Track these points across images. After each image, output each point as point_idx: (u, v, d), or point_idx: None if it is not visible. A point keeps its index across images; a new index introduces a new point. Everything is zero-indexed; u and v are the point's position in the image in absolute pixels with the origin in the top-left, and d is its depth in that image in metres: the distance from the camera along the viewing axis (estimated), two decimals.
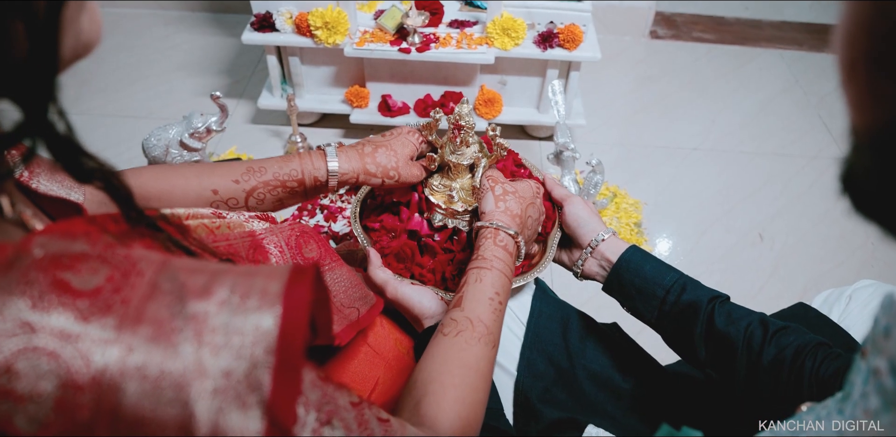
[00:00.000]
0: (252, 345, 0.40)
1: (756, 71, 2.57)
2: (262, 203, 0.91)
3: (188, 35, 2.56)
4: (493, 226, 0.90)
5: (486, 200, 0.95)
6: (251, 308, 0.41)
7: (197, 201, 0.86)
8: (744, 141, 2.23)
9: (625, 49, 2.62)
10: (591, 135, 2.18)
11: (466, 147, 1.02)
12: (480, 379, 0.77)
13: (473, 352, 0.79)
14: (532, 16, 1.81)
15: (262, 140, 2.08)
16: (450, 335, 0.80)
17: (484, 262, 0.87)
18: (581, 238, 1.08)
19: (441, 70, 1.88)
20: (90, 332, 0.38)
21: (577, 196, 1.13)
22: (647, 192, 2.00)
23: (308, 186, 0.92)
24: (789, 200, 2.03)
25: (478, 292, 0.84)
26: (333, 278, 0.86)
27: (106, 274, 0.40)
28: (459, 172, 1.04)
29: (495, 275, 0.87)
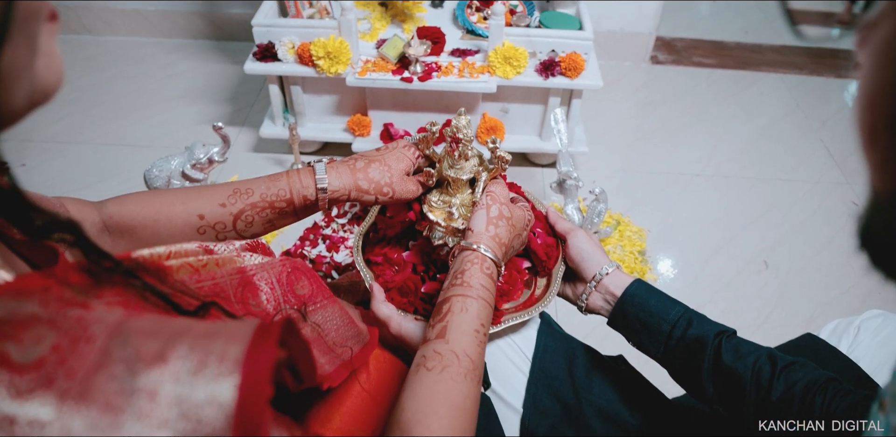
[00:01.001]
0: (208, 419, 0.38)
1: (757, 95, 2.57)
2: (250, 226, 0.88)
3: (190, 63, 2.57)
4: (481, 251, 0.87)
5: (478, 219, 0.90)
6: (208, 377, 0.39)
7: (184, 228, 0.84)
8: (746, 166, 2.22)
9: (626, 74, 2.63)
10: (594, 161, 2.18)
11: (465, 161, 0.97)
12: (468, 420, 0.74)
13: (460, 390, 0.75)
14: (533, 44, 1.81)
15: (263, 169, 2.08)
16: (434, 371, 0.75)
17: (470, 290, 0.83)
18: (585, 272, 1.07)
19: (443, 98, 1.88)
20: (27, 412, 0.35)
21: (581, 229, 1.12)
22: (651, 219, 1.99)
23: (298, 206, 0.89)
24: (793, 226, 2.02)
25: (463, 324, 0.80)
26: (325, 317, 0.83)
27: (52, 342, 0.37)
28: (459, 187, 1.00)
29: (481, 305, 0.83)
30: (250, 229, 0.88)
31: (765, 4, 3.19)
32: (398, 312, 1.00)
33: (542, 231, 1.15)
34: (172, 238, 0.81)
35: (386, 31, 1.95)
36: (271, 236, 1.86)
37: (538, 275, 1.13)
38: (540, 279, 1.14)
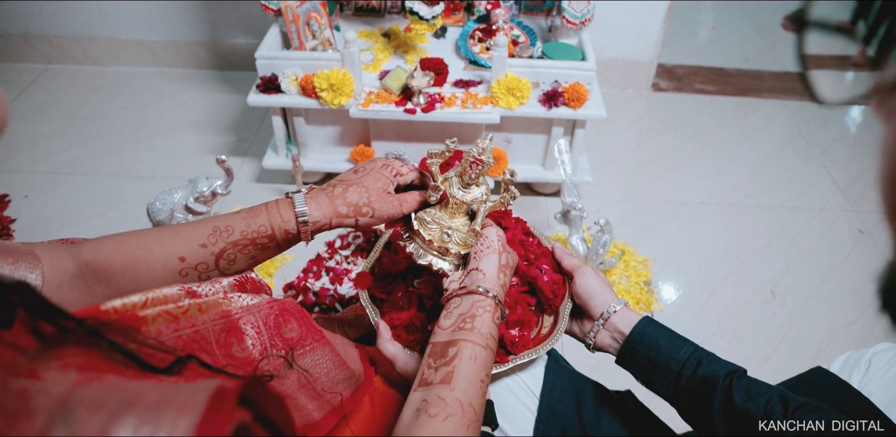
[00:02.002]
0: None
1: (759, 122, 2.58)
2: (233, 263, 0.85)
3: (193, 93, 2.58)
4: (496, 300, 0.85)
5: (490, 263, 0.89)
6: None
7: (163, 272, 0.81)
8: (750, 194, 2.22)
9: (628, 102, 2.63)
10: (597, 190, 2.17)
11: (476, 186, 0.95)
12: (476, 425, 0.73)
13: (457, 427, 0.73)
14: (536, 75, 1.82)
15: (266, 199, 2.07)
16: (437, 418, 0.73)
17: (481, 338, 0.82)
18: (592, 309, 1.06)
19: (446, 129, 1.88)
20: None
21: (587, 266, 1.11)
22: (656, 248, 1.98)
23: (280, 240, 0.86)
24: (799, 254, 2.01)
25: (471, 373, 0.78)
26: (315, 360, 0.81)
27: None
28: (458, 211, 0.96)
29: (489, 356, 0.81)
30: (234, 266, 0.86)
31: (764, 31, 3.21)
32: (405, 350, 0.99)
33: (548, 268, 1.14)
34: (153, 282, 0.79)
35: (389, 62, 1.96)
36: (274, 268, 1.85)
37: (545, 312, 1.12)
38: (547, 317, 1.13)
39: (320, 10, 1.91)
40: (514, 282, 1.14)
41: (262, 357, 0.72)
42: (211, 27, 2.58)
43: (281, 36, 1.94)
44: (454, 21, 2.13)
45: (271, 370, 0.72)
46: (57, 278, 0.71)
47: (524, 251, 1.17)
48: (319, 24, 1.91)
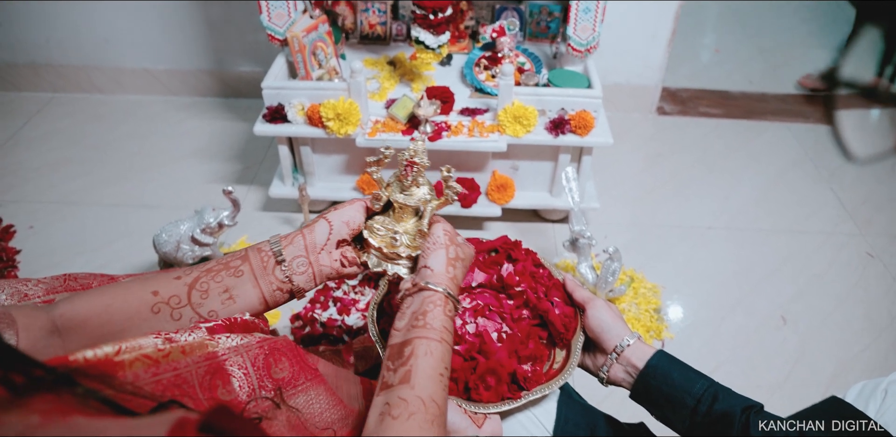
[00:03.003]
0: None
1: (765, 145, 2.57)
2: (206, 295, 0.84)
3: (199, 121, 2.59)
4: (446, 293, 0.86)
5: (438, 259, 0.89)
6: None
7: (139, 308, 0.80)
8: (758, 218, 2.21)
9: (633, 126, 2.63)
10: (605, 216, 2.16)
11: (417, 188, 0.96)
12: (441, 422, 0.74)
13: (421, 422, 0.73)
14: (543, 103, 1.82)
15: (273, 228, 2.07)
16: (400, 419, 0.73)
17: (433, 332, 0.82)
18: (605, 343, 1.05)
19: (453, 157, 1.88)
20: None
21: (599, 299, 1.10)
22: (665, 274, 1.97)
23: (253, 264, 0.87)
24: (809, 279, 1.99)
25: (428, 368, 0.78)
26: (308, 400, 0.80)
27: None
28: (405, 214, 0.98)
29: (445, 349, 0.81)
30: (207, 302, 0.84)
31: (767, 53, 3.22)
32: None
33: (559, 301, 1.13)
34: (128, 321, 0.79)
35: (395, 90, 1.96)
36: None
37: (556, 346, 1.11)
38: (559, 351, 1.11)
39: (326, 40, 1.92)
40: (525, 315, 1.13)
41: (249, 399, 0.71)
42: (216, 55, 2.59)
43: (287, 65, 1.95)
44: (459, 48, 2.14)
45: (259, 411, 0.71)
46: (32, 336, 0.70)
47: (535, 284, 1.16)
48: (325, 53, 1.92)
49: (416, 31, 1.79)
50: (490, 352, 1.04)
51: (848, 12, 3.67)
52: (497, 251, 1.21)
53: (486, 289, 1.18)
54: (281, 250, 0.88)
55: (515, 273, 1.16)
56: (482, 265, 1.19)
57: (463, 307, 1.15)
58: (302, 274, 0.89)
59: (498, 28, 1.96)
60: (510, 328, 1.10)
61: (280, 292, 0.89)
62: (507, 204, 1.95)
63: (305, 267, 0.89)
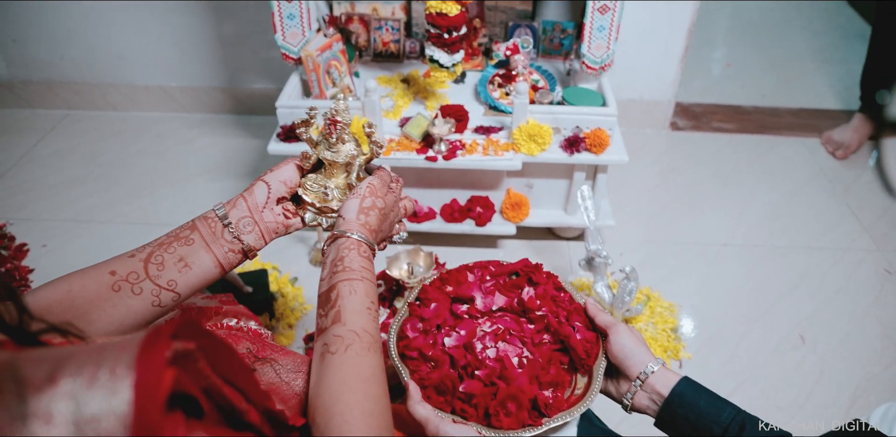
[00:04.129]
0: (108, 430, 0.38)
1: (779, 160, 2.56)
2: (163, 268, 0.88)
3: (212, 138, 2.59)
4: (356, 237, 0.92)
5: (350, 207, 0.95)
6: (101, 389, 0.38)
7: (99, 289, 0.84)
8: (774, 234, 2.19)
9: (647, 142, 2.62)
10: (619, 233, 2.15)
11: (342, 144, 1.02)
12: (380, 387, 0.78)
13: (367, 363, 0.79)
14: (557, 121, 1.81)
15: (286, 247, 2.07)
16: (338, 353, 0.79)
17: (353, 273, 0.88)
18: (629, 370, 1.04)
19: (467, 175, 1.88)
20: None
21: (622, 324, 1.09)
22: (681, 293, 1.95)
23: (203, 232, 0.93)
24: (827, 296, 1.97)
25: (356, 304, 0.84)
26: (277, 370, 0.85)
27: None
28: (335, 170, 1.03)
29: (367, 285, 0.88)
30: (164, 273, 0.89)
31: (779, 68, 3.21)
32: (436, 412, 0.97)
33: (581, 326, 1.12)
34: (90, 304, 0.82)
35: (409, 108, 1.96)
36: (294, 319, 1.83)
37: (578, 372, 1.10)
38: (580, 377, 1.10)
39: (340, 58, 1.92)
40: (546, 340, 1.12)
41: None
42: (229, 72, 2.60)
43: (301, 84, 1.95)
44: (472, 66, 2.14)
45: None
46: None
47: (556, 308, 1.15)
48: (339, 71, 1.92)
49: (430, 49, 1.79)
50: (511, 378, 1.03)
51: (858, 25, 3.66)
52: (518, 274, 1.20)
53: (507, 313, 1.17)
54: (226, 214, 0.95)
55: (536, 297, 1.15)
56: (502, 288, 1.18)
57: (483, 331, 1.14)
58: (250, 233, 0.96)
59: (512, 46, 1.96)
60: (531, 353, 1.09)
61: (233, 254, 0.95)
62: (521, 222, 1.94)
63: (252, 226, 0.96)
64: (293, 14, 1.83)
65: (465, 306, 1.17)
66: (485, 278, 1.20)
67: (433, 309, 1.15)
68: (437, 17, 1.70)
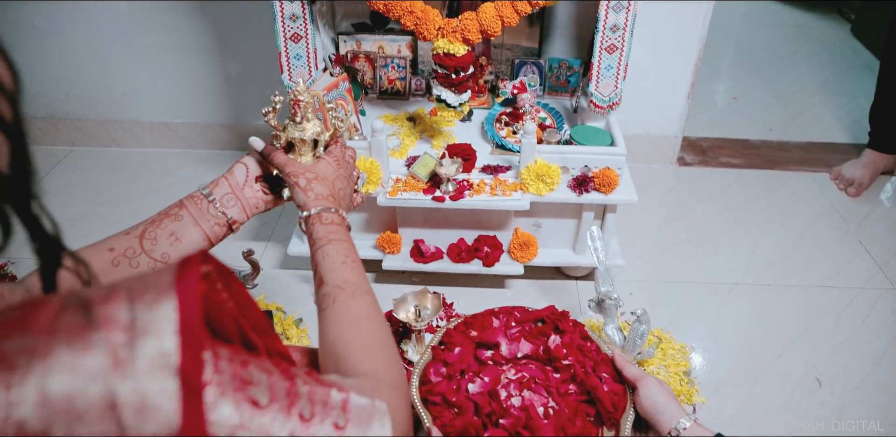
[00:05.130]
0: (159, 331, 0.45)
1: (789, 196, 2.53)
2: (156, 242, 0.99)
3: (217, 174, 2.53)
4: (312, 212, 1.00)
5: (297, 195, 1.04)
6: (149, 301, 0.46)
7: (100, 266, 0.92)
8: (786, 273, 2.15)
9: (654, 177, 2.60)
10: (628, 272, 2.12)
11: (307, 122, 1.13)
12: (376, 322, 0.85)
13: (356, 305, 0.86)
14: (566, 160, 1.79)
15: (291, 286, 2.04)
16: (328, 307, 0.85)
17: (320, 241, 0.96)
18: (659, 425, 1.01)
19: (475, 215, 1.85)
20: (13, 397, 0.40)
21: (651, 376, 1.06)
22: (693, 334, 1.91)
23: (190, 208, 1.05)
24: (843, 337, 1.93)
25: (330, 264, 0.91)
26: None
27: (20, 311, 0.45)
28: (304, 148, 1.14)
29: (336, 245, 0.95)
30: (157, 247, 0.99)
31: (785, 100, 3.20)
32: None
33: (608, 377, 1.09)
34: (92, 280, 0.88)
35: (415, 147, 1.94)
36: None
37: (604, 425, 1.07)
38: (607, 430, 1.07)
39: (346, 97, 1.91)
40: (572, 390, 1.09)
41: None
42: (234, 109, 2.60)
43: None
44: (479, 103, 2.13)
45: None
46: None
47: (582, 357, 1.12)
48: (346, 110, 1.90)
49: (437, 89, 1.78)
50: (536, 428, 1.01)
51: (864, 57, 3.66)
52: (544, 321, 1.18)
53: (532, 360, 1.14)
54: (210, 192, 1.09)
55: (563, 346, 1.13)
56: (528, 335, 1.16)
57: (508, 378, 1.12)
58: (233, 207, 1.09)
59: (518, 84, 1.95)
60: (556, 404, 1.07)
61: (218, 227, 1.07)
62: (529, 262, 1.91)
63: (234, 202, 1.09)
64: (300, 54, 1.82)
65: (490, 351, 1.15)
66: (510, 324, 1.18)
67: (457, 354, 1.13)
68: (444, 58, 1.69)
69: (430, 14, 1.66)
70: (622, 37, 1.75)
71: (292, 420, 0.52)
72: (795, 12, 4.33)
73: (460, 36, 1.67)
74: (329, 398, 0.58)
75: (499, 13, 1.65)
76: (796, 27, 4.10)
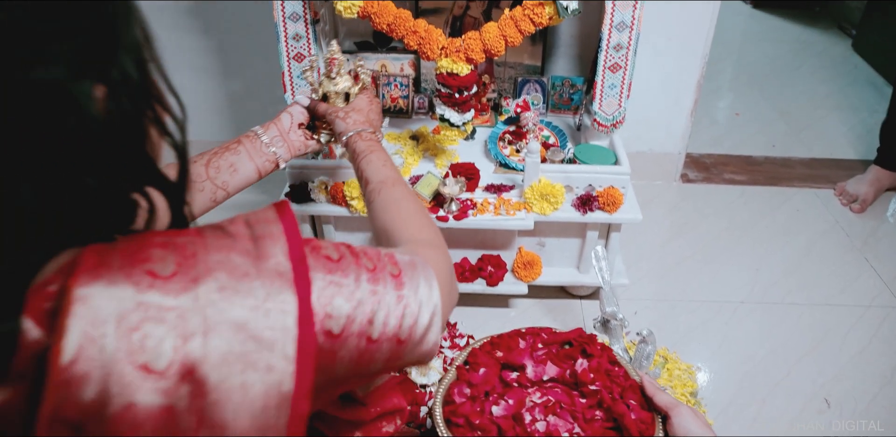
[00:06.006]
0: (274, 246, 0.62)
1: (793, 212, 2.52)
2: (218, 171, 1.20)
3: None
4: (353, 133, 1.25)
5: (337, 125, 1.30)
6: (262, 222, 0.65)
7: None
8: (792, 291, 2.14)
9: (657, 194, 2.59)
10: (633, 291, 2.10)
11: (340, 77, 1.39)
12: (411, 201, 1.05)
13: (395, 192, 1.06)
14: (570, 179, 1.78)
15: None
16: (375, 200, 1.06)
17: (363, 153, 1.19)
18: None
19: (478, 235, 1.84)
20: (181, 303, 0.55)
21: (684, 405, 1.04)
22: (699, 353, 1.90)
23: (246, 145, 1.27)
24: (851, 357, 1.91)
25: (372, 168, 1.14)
26: None
27: (175, 260, 0.57)
28: (338, 100, 1.39)
29: (376, 154, 1.19)
30: (219, 175, 1.20)
31: (788, 116, 3.20)
32: None
33: (635, 404, 1.07)
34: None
35: (419, 166, 1.94)
36: None
37: None
38: None
39: None
40: (598, 417, 1.07)
41: None
42: (236, 127, 2.59)
43: None
44: (482, 121, 2.12)
45: None
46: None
47: (610, 383, 1.10)
48: None
49: (440, 108, 1.78)
50: None
51: (865, 72, 3.66)
52: (571, 344, 1.16)
53: (558, 384, 1.13)
54: (263, 133, 1.32)
55: (590, 370, 1.11)
56: (555, 358, 1.14)
57: (533, 402, 1.10)
58: (280, 148, 1.32)
59: (522, 103, 1.95)
60: (582, 430, 1.05)
61: (268, 163, 1.31)
62: (534, 281, 1.89)
63: (282, 143, 1.33)
64: None
65: (515, 373, 1.14)
66: (536, 346, 1.17)
67: (482, 375, 1.11)
68: (447, 77, 1.69)
69: (433, 34, 1.66)
70: (625, 56, 1.75)
71: (362, 270, 0.69)
72: (796, 27, 4.34)
73: (463, 55, 1.67)
74: (380, 255, 0.75)
75: (502, 33, 1.65)
76: (797, 42, 4.11)
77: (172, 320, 0.52)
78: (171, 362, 0.51)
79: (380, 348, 0.68)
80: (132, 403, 0.50)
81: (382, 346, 0.68)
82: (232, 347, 0.54)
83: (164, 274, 0.55)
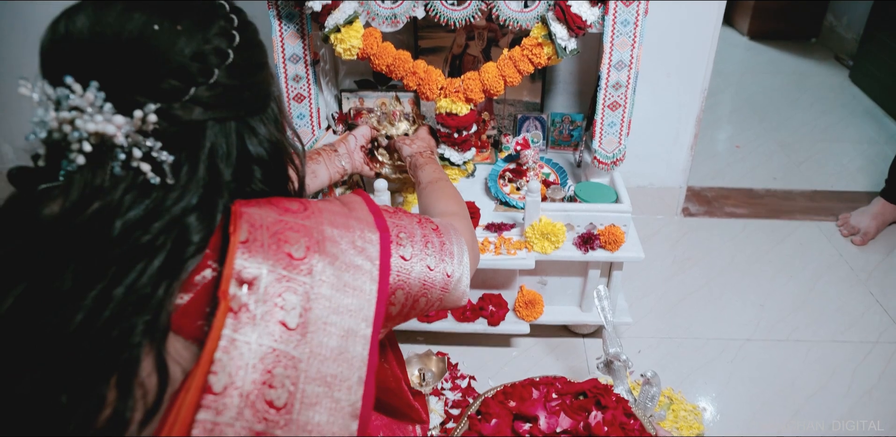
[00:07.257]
0: (362, 221, 0.84)
1: (797, 246, 2.50)
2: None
3: None
4: (414, 150, 1.60)
5: (403, 150, 1.62)
6: (351, 199, 0.89)
7: None
8: (798, 328, 2.11)
9: (659, 229, 2.58)
10: (636, 329, 2.08)
11: (399, 122, 1.72)
12: (446, 184, 1.38)
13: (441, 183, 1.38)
14: (570, 218, 1.77)
15: None
16: (422, 192, 1.38)
17: (422, 165, 1.51)
18: None
19: (479, 274, 1.82)
20: (304, 280, 0.74)
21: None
22: (705, 393, 1.87)
23: (324, 156, 1.59)
24: (860, 395, 1.88)
25: (425, 173, 1.46)
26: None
27: (305, 244, 0.76)
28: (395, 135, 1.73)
29: (431, 165, 1.51)
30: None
31: (788, 148, 3.19)
32: None
33: None
34: None
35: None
36: None
37: None
38: None
39: None
40: None
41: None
42: None
43: None
44: (482, 158, 2.12)
45: None
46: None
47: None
48: None
49: (440, 148, 1.77)
50: None
51: (864, 103, 3.67)
52: (585, 395, 1.14)
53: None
54: (336, 149, 1.63)
55: (604, 423, 1.08)
56: (568, 409, 1.11)
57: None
58: (347, 162, 1.63)
59: (522, 141, 1.94)
60: None
61: (337, 174, 1.61)
62: (535, 320, 1.87)
63: (348, 158, 1.64)
64: (303, 114, 1.82)
65: (528, 424, 1.11)
66: (550, 396, 1.14)
67: (494, 425, 1.09)
68: (447, 118, 1.69)
69: (432, 75, 1.66)
70: (624, 94, 1.75)
71: (414, 222, 0.94)
72: (793, 59, 4.36)
73: (463, 96, 1.67)
74: (421, 216, 0.99)
75: (501, 73, 1.66)
76: (795, 74, 4.13)
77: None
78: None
79: (434, 281, 0.91)
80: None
81: (436, 277, 0.92)
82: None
83: (295, 208, 0.80)
